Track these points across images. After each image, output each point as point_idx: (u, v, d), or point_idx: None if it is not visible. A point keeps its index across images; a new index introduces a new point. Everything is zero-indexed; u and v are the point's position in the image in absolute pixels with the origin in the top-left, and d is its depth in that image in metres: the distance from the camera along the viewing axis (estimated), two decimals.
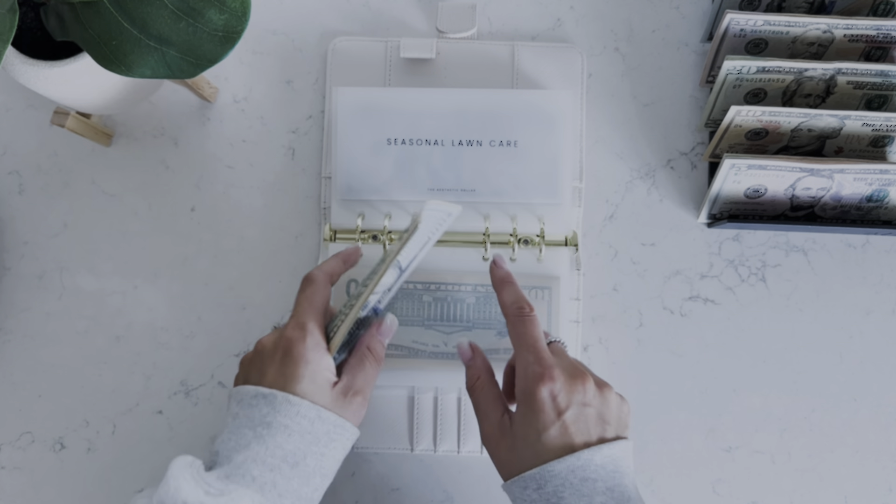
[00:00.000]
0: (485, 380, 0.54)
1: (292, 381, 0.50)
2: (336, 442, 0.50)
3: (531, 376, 0.50)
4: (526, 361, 0.51)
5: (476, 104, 0.64)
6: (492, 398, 0.53)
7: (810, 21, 0.61)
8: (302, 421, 0.49)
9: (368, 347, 0.54)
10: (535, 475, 0.48)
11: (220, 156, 0.68)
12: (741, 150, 0.65)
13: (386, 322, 0.56)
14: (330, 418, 0.50)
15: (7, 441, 0.65)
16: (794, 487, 0.66)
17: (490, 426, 0.52)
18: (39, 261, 0.67)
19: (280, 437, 0.48)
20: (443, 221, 0.54)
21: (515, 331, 0.53)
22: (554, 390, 0.49)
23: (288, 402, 0.49)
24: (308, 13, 0.70)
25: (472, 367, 0.55)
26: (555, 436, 0.49)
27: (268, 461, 0.48)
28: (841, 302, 0.67)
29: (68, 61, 0.53)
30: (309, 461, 0.49)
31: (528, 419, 0.50)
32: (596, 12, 0.70)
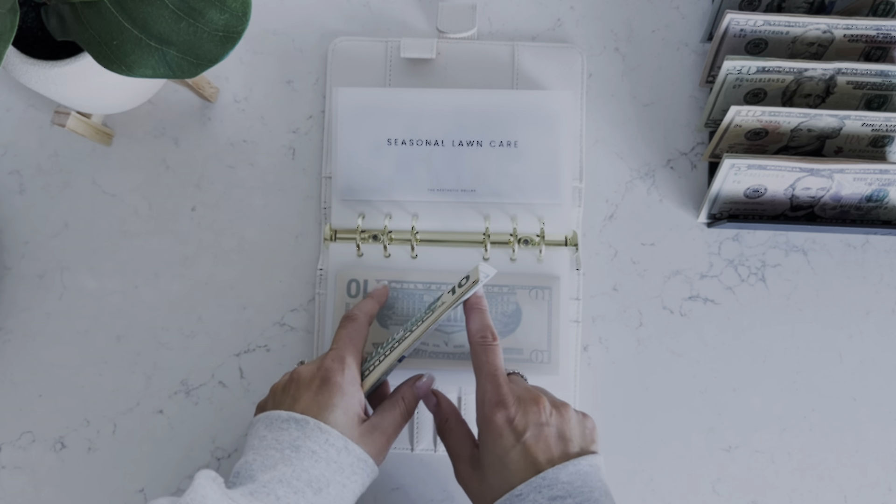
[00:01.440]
0: (452, 421, 0.56)
1: (326, 409, 0.51)
2: (358, 476, 0.51)
3: (487, 404, 0.51)
4: (483, 390, 0.52)
5: (476, 104, 0.64)
6: (461, 437, 0.55)
7: (810, 21, 0.61)
8: (330, 449, 0.50)
9: (402, 397, 0.56)
10: (504, 502, 0.49)
11: (221, 156, 0.68)
12: (741, 150, 0.65)
13: (425, 378, 0.58)
14: (356, 451, 0.51)
15: (7, 441, 0.65)
16: (793, 487, 0.66)
17: (462, 463, 0.53)
18: (40, 260, 0.67)
19: (307, 461, 0.49)
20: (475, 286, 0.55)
21: (477, 359, 0.54)
22: (510, 415, 0.50)
23: (319, 429, 0.50)
24: (308, 13, 0.70)
25: (438, 412, 0.57)
26: (517, 459, 0.49)
27: (293, 483, 0.48)
28: (841, 302, 0.67)
29: (69, 61, 0.54)
30: (332, 489, 0.49)
31: (489, 447, 0.50)
32: (596, 12, 0.70)
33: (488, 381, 0.52)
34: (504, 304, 0.63)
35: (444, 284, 0.63)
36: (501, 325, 0.63)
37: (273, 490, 0.47)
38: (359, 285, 0.63)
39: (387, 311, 0.63)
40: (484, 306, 0.56)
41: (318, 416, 0.51)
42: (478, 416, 0.53)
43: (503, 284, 0.63)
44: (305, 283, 0.67)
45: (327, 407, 0.51)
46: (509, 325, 0.63)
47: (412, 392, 0.56)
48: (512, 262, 0.64)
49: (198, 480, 0.46)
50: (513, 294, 0.63)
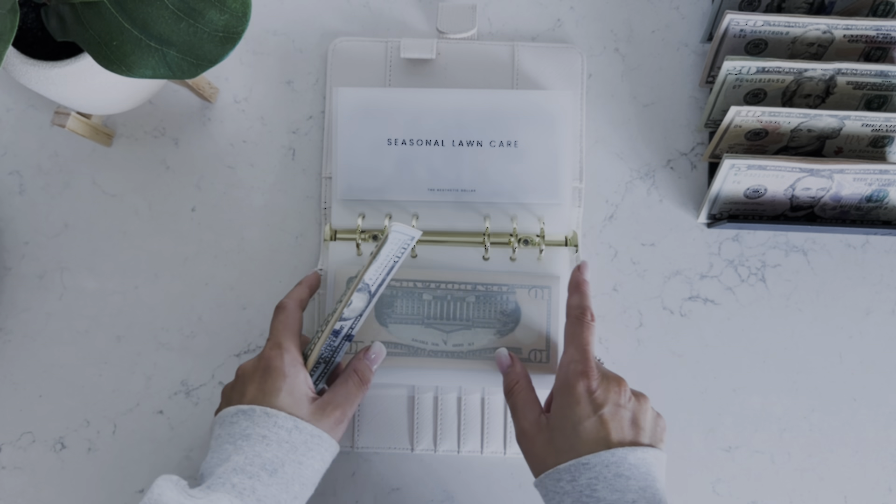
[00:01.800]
0: (524, 384, 0.57)
1: (271, 395, 0.52)
2: (314, 451, 0.52)
3: (572, 371, 0.53)
4: (570, 357, 0.54)
5: (476, 104, 0.64)
6: (530, 400, 0.56)
7: (810, 21, 0.61)
8: (279, 431, 0.51)
9: (354, 369, 0.57)
10: (569, 467, 0.50)
11: (221, 156, 0.68)
12: (741, 150, 0.65)
13: (374, 348, 0.59)
14: (307, 428, 0.52)
15: (8, 441, 0.65)
16: (793, 487, 0.66)
17: (528, 423, 0.54)
18: (40, 261, 0.67)
19: (258, 446, 0.50)
20: (406, 245, 0.56)
21: (571, 330, 0.55)
22: (591, 386, 0.52)
23: (266, 415, 0.51)
24: (308, 14, 0.70)
25: (512, 372, 0.58)
26: (591, 429, 0.50)
27: (247, 469, 0.49)
28: (841, 302, 0.67)
29: (69, 62, 0.54)
30: (287, 469, 0.50)
31: (565, 412, 0.51)
32: (596, 13, 0.70)
33: (577, 351, 0.54)
34: (503, 304, 0.63)
35: (445, 283, 0.63)
36: (500, 324, 0.63)
37: (228, 479, 0.49)
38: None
39: (386, 309, 0.63)
40: (586, 289, 0.58)
41: (264, 402, 0.52)
42: (558, 381, 0.54)
43: (503, 283, 0.63)
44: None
45: (272, 392, 0.52)
46: (508, 324, 0.63)
47: (363, 364, 0.58)
48: (512, 261, 0.64)
49: (156, 482, 0.47)
50: (512, 293, 0.63)
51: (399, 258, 0.56)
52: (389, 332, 0.63)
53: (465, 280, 0.63)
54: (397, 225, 0.54)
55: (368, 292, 0.56)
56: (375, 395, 0.65)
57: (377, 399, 0.65)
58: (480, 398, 0.65)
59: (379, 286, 0.57)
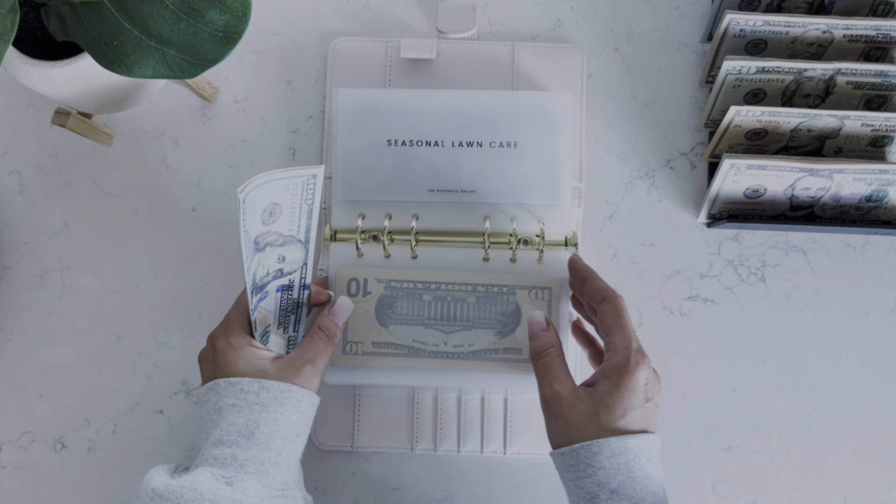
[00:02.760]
0: (559, 349, 0.57)
1: (228, 367, 0.53)
2: (286, 405, 0.53)
3: (634, 358, 0.53)
4: (627, 340, 0.54)
5: (476, 105, 0.64)
6: (565, 367, 0.56)
7: (810, 21, 0.61)
8: (247, 395, 0.52)
9: (319, 326, 0.58)
10: (611, 444, 0.51)
11: (221, 156, 0.68)
12: (741, 150, 0.65)
13: (340, 303, 0.60)
14: (274, 385, 0.53)
15: (8, 441, 0.65)
16: (793, 487, 0.66)
17: (564, 388, 0.54)
18: (40, 260, 0.67)
19: (231, 415, 0.52)
20: (307, 185, 0.54)
21: (616, 312, 0.55)
22: (649, 378, 0.53)
23: (230, 384, 0.53)
24: (308, 13, 0.70)
25: (545, 335, 0.58)
26: (638, 417, 0.52)
27: (225, 440, 0.51)
28: (840, 302, 0.67)
29: (69, 61, 0.54)
30: (263, 428, 0.51)
31: (622, 394, 0.52)
32: (596, 12, 0.70)
33: (633, 339, 0.54)
34: (504, 304, 0.63)
35: (445, 284, 0.63)
36: (501, 324, 0.63)
37: (210, 453, 0.51)
38: (359, 284, 0.63)
39: (387, 310, 0.63)
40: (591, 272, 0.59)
41: (225, 375, 0.53)
42: (611, 360, 0.54)
43: (503, 284, 0.63)
44: None
45: (228, 365, 0.53)
46: (509, 325, 0.63)
47: (328, 319, 0.58)
48: (512, 262, 0.64)
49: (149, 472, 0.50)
50: (513, 294, 0.63)
51: (311, 200, 0.55)
52: (390, 333, 0.63)
53: (465, 281, 0.63)
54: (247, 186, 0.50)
55: (298, 241, 0.56)
56: (375, 394, 0.65)
57: (377, 399, 0.65)
58: (480, 398, 0.65)
59: (307, 232, 0.56)
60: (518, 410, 0.65)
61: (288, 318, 0.60)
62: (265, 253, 0.55)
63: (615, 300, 0.56)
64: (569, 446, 0.52)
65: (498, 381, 0.63)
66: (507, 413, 0.65)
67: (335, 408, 0.65)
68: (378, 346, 0.62)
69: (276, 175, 0.52)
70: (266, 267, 0.56)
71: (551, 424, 0.54)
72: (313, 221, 0.57)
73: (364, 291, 0.63)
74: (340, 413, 0.65)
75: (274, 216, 0.54)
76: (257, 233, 0.53)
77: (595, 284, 0.58)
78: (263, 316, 0.58)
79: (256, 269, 0.55)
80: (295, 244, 0.56)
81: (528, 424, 0.65)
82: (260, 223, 0.53)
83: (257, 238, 0.54)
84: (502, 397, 0.65)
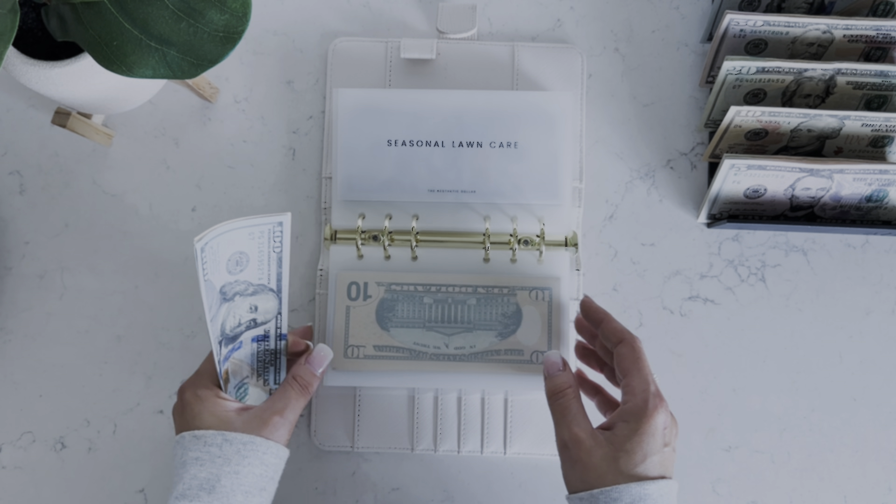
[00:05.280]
0: (576, 390, 0.56)
1: (194, 420, 0.53)
2: (249, 458, 0.52)
3: (652, 402, 0.52)
4: (645, 383, 0.53)
5: (476, 105, 0.64)
6: (582, 409, 0.55)
7: (810, 21, 0.61)
8: (210, 448, 0.51)
9: (293, 375, 0.56)
10: (631, 490, 0.50)
11: (221, 156, 0.68)
12: (741, 150, 0.65)
13: (318, 352, 0.58)
14: (237, 438, 0.52)
15: (8, 441, 0.65)
16: (793, 487, 0.66)
17: (583, 432, 0.53)
18: (41, 260, 0.67)
19: (193, 469, 0.51)
20: (274, 233, 0.54)
21: (634, 354, 0.55)
22: (667, 422, 0.52)
23: (194, 438, 0.52)
24: (308, 14, 0.70)
25: (562, 376, 0.57)
26: (656, 462, 0.51)
27: (187, 494, 0.50)
28: (841, 302, 0.67)
29: (69, 62, 0.54)
30: (224, 482, 0.51)
31: (640, 438, 0.51)
32: (596, 13, 0.70)
33: (651, 382, 0.53)
34: (504, 305, 0.63)
35: (446, 286, 0.63)
36: (502, 326, 0.63)
37: None
38: (359, 288, 0.63)
39: (387, 313, 0.63)
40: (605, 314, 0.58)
41: (191, 427, 0.53)
42: (629, 404, 0.53)
43: (503, 286, 0.63)
44: (305, 283, 0.67)
45: (194, 418, 0.53)
46: (510, 326, 0.63)
47: (303, 368, 0.57)
48: (512, 262, 0.64)
49: None
50: (513, 295, 0.63)
51: (279, 248, 0.54)
52: (391, 336, 0.63)
53: (465, 283, 0.63)
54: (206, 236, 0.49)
55: (270, 290, 0.55)
56: (375, 395, 0.65)
57: (377, 399, 0.65)
58: (480, 398, 0.65)
59: (278, 281, 0.55)
60: (518, 411, 0.65)
61: (267, 370, 0.59)
62: (234, 303, 0.54)
63: (632, 342, 0.55)
64: (588, 491, 0.51)
65: (500, 382, 0.63)
66: (508, 413, 0.65)
67: (335, 408, 0.65)
68: (379, 349, 0.62)
69: (238, 224, 0.51)
70: (237, 317, 0.55)
71: (569, 469, 0.53)
72: (284, 270, 0.55)
73: (364, 295, 0.63)
74: (340, 413, 0.65)
75: (241, 265, 0.53)
76: (223, 282, 0.53)
77: (611, 326, 0.57)
78: (237, 367, 0.57)
79: (225, 319, 0.54)
80: (267, 293, 0.55)
81: (529, 425, 0.65)
82: (226, 272, 0.52)
83: (223, 288, 0.53)
84: (502, 397, 0.65)
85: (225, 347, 0.55)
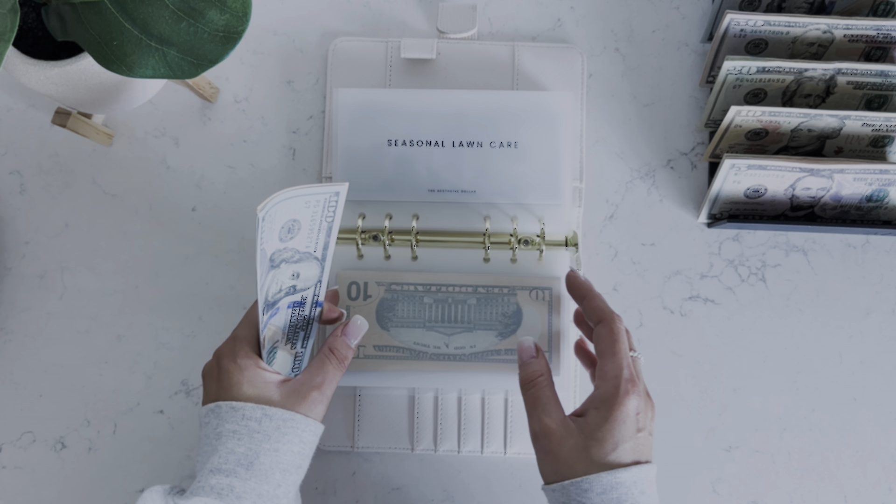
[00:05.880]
0: (548, 378, 0.55)
1: (232, 389, 0.51)
2: (289, 436, 0.51)
3: (623, 387, 0.51)
4: (618, 368, 0.52)
5: (476, 105, 0.64)
6: (554, 397, 0.54)
7: (810, 21, 0.61)
8: (249, 422, 0.50)
9: (330, 348, 0.55)
10: (601, 480, 0.49)
11: (221, 156, 0.68)
12: (741, 150, 0.65)
13: (354, 322, 0.57)
14: (277, 413, 0.51)
15: (8, 441, 0.65)
16: (794, 487, 0.66)
17: (553, 422, 0.52)
18: (41, 260, 0.67)
19: (231, 442, 0.50)
20: (330, 202, 0.53)
21: (611, 336, 0.53)
22: (640, 407, 0.51)
23: (232, 409, 0.50)
24: (309, 13, 0.70)
25: (535, 363, 0.56)
26: (629, 449, 0.50)
27: (223, 468, 0.49)
28: (841, 302, 0.67)
29: (69, 61, 0.54)
30: (263, 459, 0.49)
31: (611, 426, 0.50)
32: (596, 12, 0.70)
33: (619, 364, 0.52)
34: (504, 305, 0.63)
35: (446, 286, 0.63)
36: (502, 325, 0.63)
37: (207, 482, 0.49)
38: (359, 288, 0.63)
39: (388, 313, 0.63)
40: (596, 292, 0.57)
41: (228, 397, 0.51)
42: (600, 389, 0.52)
43: (503, 285, 0.63)
44: None
45: (232, 387, 0.51)
46: (510, 325, 0.63)
47: (340, 341, 0.56)
48: (512, 262, 0.64)
49: (144, 493, 0.48)
50: (513, 295, 0.63)
51: (332, 217, 0.54)
52: (391, 336, 0.63)
53: (465, 282, 0.63)
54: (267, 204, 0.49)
55: (315, 258, 0.55)
56: (375, 395, 0.65)
57: (377, 399, 0.65)
58: (480, 398, 0.65)
59: (325, 249, 0.55)
60: (519, 411, 0.65)
61: (297, 334, 0.58)
62: (279, 269, 0.53)
63: (611, 323, 0.54)
64: (559, 483, 0.50)
65: (500, 382, 0.63)
66: (508, 413, 0.65)
67: (335, 408, 0.65)
68: (380, 349, 0.63)
69: (298, 192, 0.50)
70: (279, 283, 0.54)
71: (542, 459, 0.52)
72: (332, 239, 0.55)
73: (365, 295, 0.63)
74: (340, 413, 0.65)
75: (292, 233, 0.52)
76: (273, 249, 0.52)
77: (592, 304, 0.56)
78: (272, 333, 0.56)
79: (270, 285, 0.53)
80: (311, 261, 0.55)
81: None
82: (277, 240, 0.52)
83: (273, 255, 0.52)
84: (503, 397, 0.65)
85: (265, 314, 0.54)
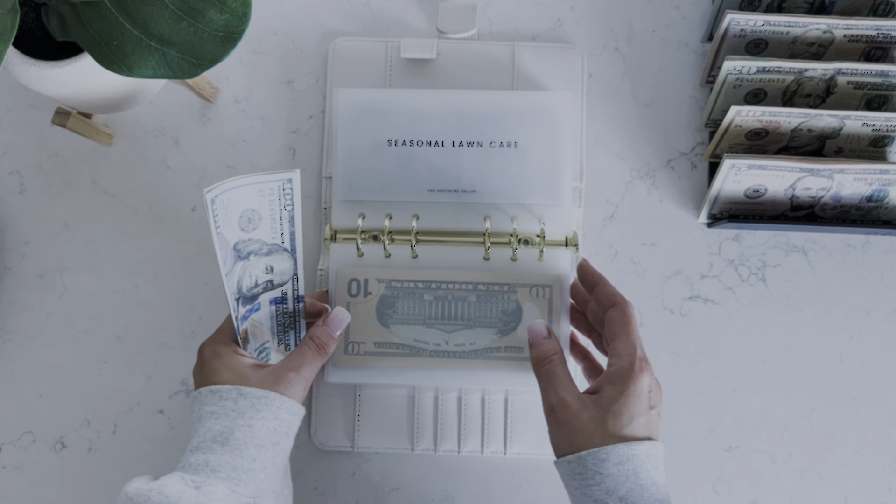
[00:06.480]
0: (561, 356, 0.57)
1: (211, 376, 0.54)
2: (263, 412, 0.52)
3: (638, 364, 0.53)
4: (632, 347, 0.54)
5: (476, 105, 0.64)
6: (568, 374, 0.56)
7: (810, 21, 0.61)
8: (225, 402, 0.53)
9: (310, 336, 0.57)
10: (619, 451, 0.50)
11: (221, 156, 0.68)
12: (741, 150, 0.65)
13: (333, 314, 0.59)
14: (252, 392, 0.53)
15: (8, 441, 0.65)
16: (794, 487, 0.66)
17: (569, 396, 0.53)
18: (40, 260, 0.67)
19: (208, 422, 0.52)
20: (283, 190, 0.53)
21: (624, 318, 0.55)
22: (652, 385, 0.53)
23: (210, 392, 0.53)
24: (309, 13, 0.70)
25: (547, 343, 0.57)
26: (643, 424, 0.52)
27: (201, 447, 0.51)
28: (841, 302, 0.67)
29: (69, 61, 0.54)
30: (238, 434, 0.51)
31: (626, 399, 0.52)
32: (596, 12, 0.70)
33: (638, 345, 0.54)
34: (504, 303, 0.63)
35: (446, 283, 0.63)
36: (502, 323, 0.63)
37: (186, 460, 0.51)
38: (359, 285, 0.63)
39: (388, 310, 0.63)
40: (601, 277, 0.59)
41: (207, 384, 0.54)
42: (615, 366, 0.54)
43: (504, 283, 0.63)
44: (305, 283, 0.67)
45: (212, 374, 0.54)
46: (510, 323, 0.63)
47: (321, 330, 0.58)
48: (512, 262, 0.64)
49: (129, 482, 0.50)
50: (513, 292, 0.63)
51: (290, 206, 0.54)
52: (391, 333, 0.63)
53: (465, 280, 0.63)
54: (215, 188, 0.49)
55: (285, 251, 0.56)
56: (375, 395, 0.65)
57: (377, 399, 0.65)
58: (480, 398, 0.65)
59: (292, 241, 0.56)
60: (518, 410, 0.65)
61: (287, 335, 0.60)
62: (249, 262, 0.54)
63: (624, 306, 0.56)
64: (575, 454, 0.51)
65: (500, 379, 0.63)
66: (508, 413, 0.65)
67: (335, 408, 0.65)
68: (380, 346, 0.63)
69: (248, 179, 0.51)
70: (253, 277, 0.55)
71: (556, 432, 0.53)
72: (297, 229, 0.56)
73: (365, 292, 0.63)
74: (340, 413, 0.65)
75: (253, 223, 0.53)
76: (236, 239, 0.53)
77: (605, 290, 0.57)
78: (257, 329, 0.57)
79: (241, 277, 0.54)
80: (281, 253, 0.56)
81: (529, 425, 0.65)
82: (238, 230, 0.53)
83: (237, 245, 0.53)
84: (503, 397, 0.65)
85: (243, 307, 0.55)
